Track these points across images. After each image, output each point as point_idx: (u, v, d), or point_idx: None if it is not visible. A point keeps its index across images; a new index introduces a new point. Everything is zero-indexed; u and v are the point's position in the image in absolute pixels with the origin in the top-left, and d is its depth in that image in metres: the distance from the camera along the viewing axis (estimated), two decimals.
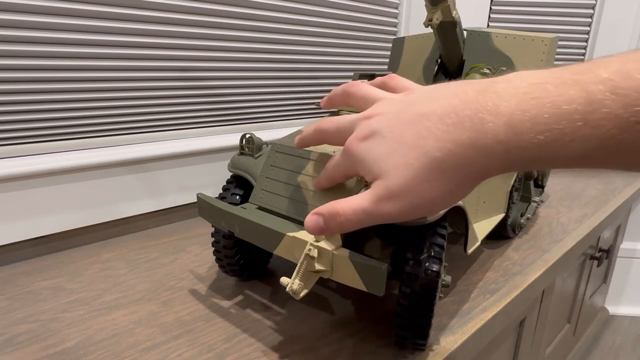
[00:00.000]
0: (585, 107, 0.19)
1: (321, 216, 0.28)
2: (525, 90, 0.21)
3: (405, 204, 0.25)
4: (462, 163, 0.23)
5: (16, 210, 0.52)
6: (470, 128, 0.23)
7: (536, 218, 0.70)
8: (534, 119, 0.21)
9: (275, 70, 0.78)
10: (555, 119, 0.20)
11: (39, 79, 0.52)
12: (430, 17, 0.49)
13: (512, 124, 0.21)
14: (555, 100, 0.20)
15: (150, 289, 0.47)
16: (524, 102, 0.21)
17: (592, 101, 0.19)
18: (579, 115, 0.20)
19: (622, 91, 0.19)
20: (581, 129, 0.20)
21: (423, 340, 0.35)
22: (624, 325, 1.30)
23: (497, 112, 0.22)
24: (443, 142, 0.23)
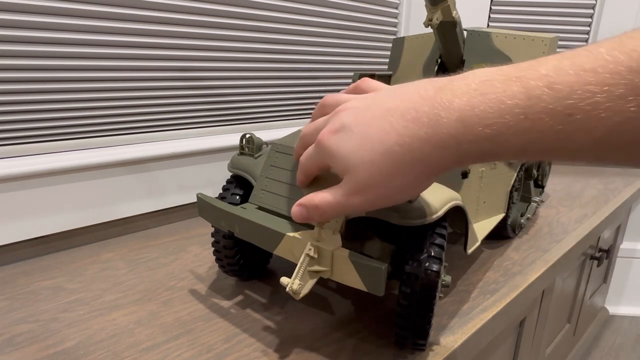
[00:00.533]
0: (526, 102, 0.21)
1: (304, 207, 0.31)
2: (476, 87, 0.23)
3: (372, 196, 0.27)
4: (420, 157, 0.25)
5: (16, 210, 0.52)
6: (427, 124, 0.24)
7: (536, 218, 0.70)
8: (482, 113, 0.22)
9: (275, 70, 0.78)
10: (499, 114, 0.22)
11: (39, 79, 0.52)
12: (430, 17, 0.49)
13: (462, 119, 0.23)
14: (500, 96, 0.22)
15: (150, 289, 0.47)
16: (473, 98, 0.23)
17: (531, 96, 0.21)
18: (520, 109, 0.21)
19: (557, 86, 0.20)
20: (522, 122, 0.21)
21: (423, 340, 0.35)
22: (624, 325, 1.30)
23: (450, 108, 0.24)
24: (403, 137, 0.25)
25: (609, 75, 0.19)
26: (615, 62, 0.19)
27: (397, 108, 0.26)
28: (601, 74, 0.19)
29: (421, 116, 0.25)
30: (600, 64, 0.19)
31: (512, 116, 0.21)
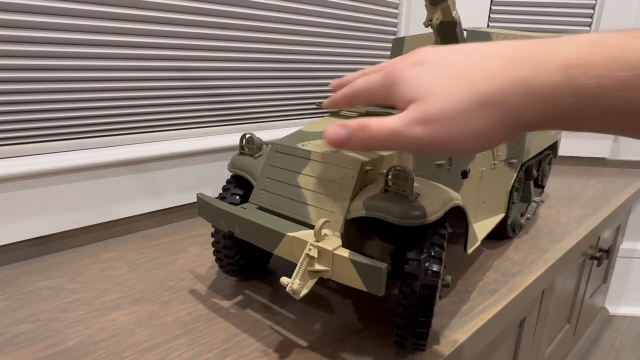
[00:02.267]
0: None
1: (345, 128, 0.27)
2: (588, 40, 0.21)
3: (437, 131, 0.24)
4: (508, 102, 0.22)
5: (16, 210, 0.52)
6: (527, 67, 0.22)
7: (536, 218, 0.70)
8: (591, 64, 0.20)
9: (275, 70, 0.78)
10: (611, 67, 0.20)
11: (39, 79, 0.52)
12: (430, 17, 0.49)
13: (569, 65, 0.21)
14: (614, 50, 0.20)
15: (150, 289, 0.47)
16: (584, 46, 0.21)
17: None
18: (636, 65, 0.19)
19: None
20: (634, 79, 0.19)
21: (423, 340, 0.35)
22: (624, 325, 1.30)
23: (556, 53, 0.21)
24: (495, 77, 0.23)
25: None
26: None
27: (489, 49, 0.24)
28: None
29: (521, 58, 0.22)
30: None
31: (627, 71, 0.19)
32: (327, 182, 0.36)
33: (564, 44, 0.22)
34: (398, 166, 0.33)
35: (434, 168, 0.43)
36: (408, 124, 0.25)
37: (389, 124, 0.26)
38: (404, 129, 0.25)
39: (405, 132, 0.25)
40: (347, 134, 0.27)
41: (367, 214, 0.34)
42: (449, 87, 0.24)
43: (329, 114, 0.56)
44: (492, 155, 0.51)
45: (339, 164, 0.36)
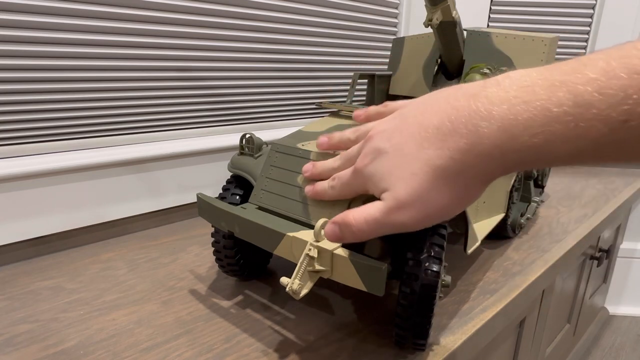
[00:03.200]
0: (575, 109, 0.19)
1: (337, 225, 0.30)
2: (515, 94, 0.22)
3: (417, 212, 0.26)
4: (463, 169, 0.24)
5: (16, 210, 0.52)
6: (466, 135, 0.23)
7: (536, 218, 0.70)
8: (526, 122, 0.21)
9: (275, 70, 0.78)
10: (546, 122, 0.20)
11: (39, 79, 0.52)
12: (430, 17, 0.49)
13: (505, 129, 0.22)
14: (545, 104, 0.20)
15: (150, 289, 0.47)
16: (515, 106, 0.21)
17: (581, 103, 0.19)
18: (570, 117, 0.20)
19: (608, 91, 0.19)
20: (573, 130, 0.20)
21: (423, 340, 0.35)
22: (624, 325, 1.30)
23: (490, 117, 0.22)
24: (442, 150, 0.24)
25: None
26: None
27: (429, 123, 0.25)
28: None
29: (458, 127, 0.23)
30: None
31: (561, 124, 0.20)
32: None
33: (493, 101, 0.22)
34: None
35: None
36: (388, 213, 0.27)
37: (371, 215, 0.27)
38: (387, 218, 0.27)
39: (389, 220, 0.27)
40: (340, 231, 0.29)
41: None
42: (408, 171, 0.25)
43: (329, 114, 0.56)
44: None
45: None
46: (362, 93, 0.83)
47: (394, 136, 0.27)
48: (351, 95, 0.62)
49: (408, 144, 0.26)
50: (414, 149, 0.25)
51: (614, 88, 0.18)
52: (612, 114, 0.19)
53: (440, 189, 0.25)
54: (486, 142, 0.22)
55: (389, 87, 0.70)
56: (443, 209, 0.26)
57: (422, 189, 0.25)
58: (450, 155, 0.24)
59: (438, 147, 0.24)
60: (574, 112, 0.19)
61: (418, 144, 0.25)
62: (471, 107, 0.23)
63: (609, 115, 0.19)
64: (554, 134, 0.20)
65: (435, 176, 0.24)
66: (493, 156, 0.23)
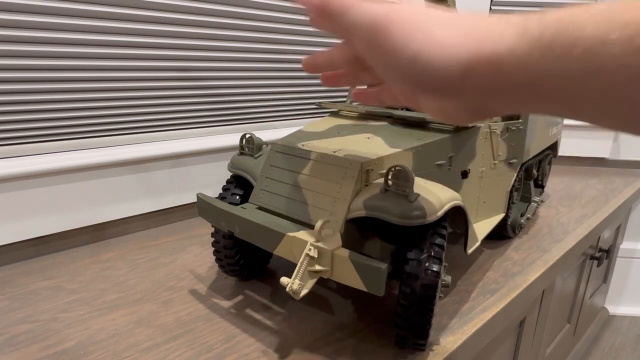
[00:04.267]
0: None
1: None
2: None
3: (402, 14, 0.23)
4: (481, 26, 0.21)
5: (16, 210, 0.52)
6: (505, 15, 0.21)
7: (536, 218, 0.70)
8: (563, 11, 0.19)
9: (275, 70, 0.78)
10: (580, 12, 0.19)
11: (39, 79, 0.52)
12: None
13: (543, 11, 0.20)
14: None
15: (150, 289, 0.47)
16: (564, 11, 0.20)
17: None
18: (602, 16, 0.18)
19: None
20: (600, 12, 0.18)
21: (423, 340, 0.35)
22: (624, 325, 1.30)
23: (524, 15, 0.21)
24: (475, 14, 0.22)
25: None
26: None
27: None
28: None
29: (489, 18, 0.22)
30: None
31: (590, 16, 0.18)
32: (327, 182, 0.36)
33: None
34: (398, 166, 0.33)
35: (434, 168, 0.43)
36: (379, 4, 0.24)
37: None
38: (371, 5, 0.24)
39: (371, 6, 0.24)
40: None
41: (367, 214, 0.34)
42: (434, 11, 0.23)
43: (329, 114, 0.56)
44: (492, 155, 0.51)
45: (339, 164, 0.36)
46: None
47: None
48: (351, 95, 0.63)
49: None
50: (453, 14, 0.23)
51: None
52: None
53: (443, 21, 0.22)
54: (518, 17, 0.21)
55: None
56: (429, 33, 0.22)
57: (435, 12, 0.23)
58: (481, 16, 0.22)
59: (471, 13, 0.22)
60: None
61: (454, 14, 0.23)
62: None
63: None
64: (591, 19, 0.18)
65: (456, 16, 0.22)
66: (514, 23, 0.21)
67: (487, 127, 0.49)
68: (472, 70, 0.22)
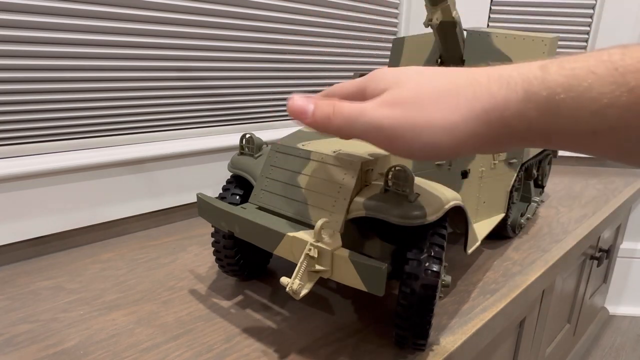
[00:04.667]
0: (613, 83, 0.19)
1: (312, 102, 0.28)
2: (563, 59, 0.22)
3: (405, 114, 0.24)
4: (477, 94, 0.23)
5: (16, 210, 0.52)
6: (498, 69, 0.23)
7: (536, 218, 0.70)
8: (563, 63, 0.21)
9: (275, 70, 0.78)
10: (585, 73, 0.20)
11: (39, 79, 0.52)
12: (430, 17, 0.49)
13: (543, 65, 0.22)
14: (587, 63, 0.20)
15: (150, 289, 0.47)
16: (564, 60, 0.21)
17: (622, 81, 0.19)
18: (609, 79, 0.20)
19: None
20: (606, 76, 0.20)
21: (423, 340, 0.35)
22: (624, 325, 1.30)
23: (529, 65, 0.22)
24: (469, 73, 0.24)
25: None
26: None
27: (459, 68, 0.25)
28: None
29: (492, 68, 0.24)
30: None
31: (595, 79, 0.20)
32: (327, 182, 0.36)
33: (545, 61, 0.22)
34: (398, 166, 0.33)
35: (434, 168, 0.43)
36: (378, 105, 0.25)
37: (359, 104, 0.26)
38: (372, 109, 0.25)
39: (373, 113, 0.25)
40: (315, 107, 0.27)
41: (367, 214, 0.34)
42: (426, 78, 0.25)
43: None
44: (492, 155, 0.51)
45: (339, 164, 0.36)
46: None
47: (421, 72, 0.26)
48: None
49: (427, 70, 0.25)
50: (434, 73, 0.25)
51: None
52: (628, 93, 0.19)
53: (443, 103, 0.24)
54: (516, 75, 0.22)
55: None
56: (429, 125, 0.24)
57: (429, 95, 0.24)
58: (475, 77, 0.23)
59: (465, 71, 0.24)
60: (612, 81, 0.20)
61: (439, 72, 0.25)
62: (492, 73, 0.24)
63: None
64: (588, 84, 0.20)
65: (449, 90, 0.24)
66: (515, 88, 0.22)
67: None
68: (483, 137, 0.23)
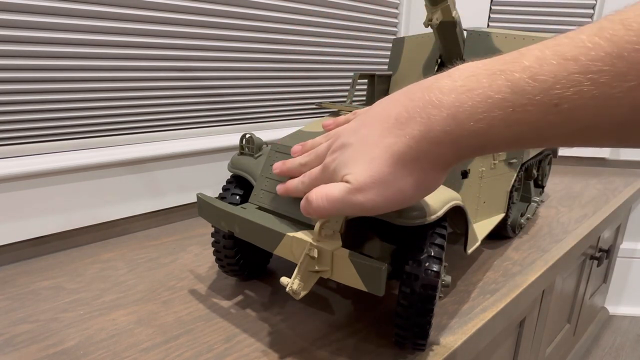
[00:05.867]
0: (512, 95, 0.21)
1: (307, 201, 0.31)
2: (462, 83, 0.23)
3: (375, 195, 0.27)
4: (419, 155, 0.25)
5: (16, 210, 0.52)
6: (420, 122, 0.25)
7: (536, 218, 0.70)
8: (471, 109, 0.23)
9: (275, 70, 0.78)
10: (488, 108, 0.22)
11: (39, 79, 0.52)
12: (430, 17, 0.49)
13: (453, 116, 0.23)
14: (486, 91, 0.22)
15: (150, 289, 0.47)
16: (461, 94, 0.23)
17: (517, 89, 0.21)
18: (508, 103, 0.21)
19: (540, 77, 0.20)
20: (511, 115, 0.21)
21: (423, 340, 0.35)
22: (624, 325, 1.30)
23: (440, 105, 0.24)
24: (400, 137, 0.26)
25: (591, 63, 0.19)
26: (597, 49, 0.19)
27: (389, 115, 0.27)
28: (584, 62, 0.19)
29: (414, 116, 0.25)
30: (582, 51, 0.19)
31: (501, 109, 0.22)
32: None
33: (443, 91, 0.24)
34: None
35: None
36: (349, 193, 0.28)
37: (332, 193, 0.29)
38: (347, 197, 0.28)
39: (349, 200, 0.28)
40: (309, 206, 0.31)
41: None
42: (369, 156, 0.27)
43: (329, 114, 0.56)
44: (492, 155, 0.51)
45: None
46: (362, 93, 0.83)
47: (359, 130, 0.29)
48: (351, 95, 0.62)
49: (371, 134, 0.28)
50: (376, 137, 0.27)
51: (545, 74, 0.20)
52: (544, 98, 0.20)
53: (398, 173, 0.26)
54: (437, 129, 0.24)
55: (389, 87, 0.70)
56: (402, 194, 0.27)
57: (381, 172, 0.26)
58: (407, 142, 0.25)
59: (396, 135, 0.26)
60: (511, 99, 0.21)
61: (379, 134, 0.27)
62: (425, 98, 0.25)
63: (542, 100, 0.20)
64: (495, 119, 0.22)
65: (394, 161, 0.26)
66: (444, 142, 0.24)
67: None
68: (436, 165, 0.26)
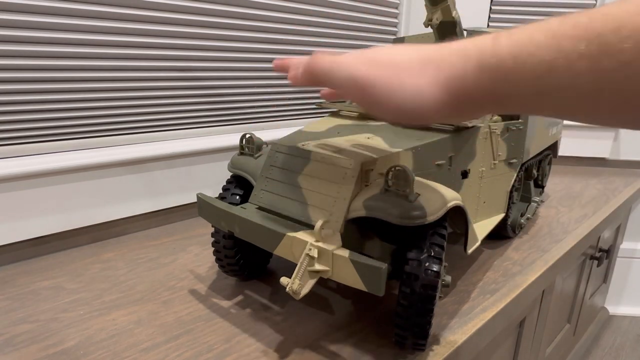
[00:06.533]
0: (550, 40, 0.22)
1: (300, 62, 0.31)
2: (513, 30, 0.24)
3: (380, 73, 0.27)
4: (441, 62, 0.26)
5: (16, 210, 0.52)
6: (460, 42, 0.26)
7: (536, 218, 0.70)
8: (512, 32, 0.23)
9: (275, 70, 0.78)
10: (529, 40, 0.23)
11: (39, 79, 0.52)
12: (430, 17, 0.49)
13: (495, 36, 0.24)
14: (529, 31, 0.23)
15: (150, 289, 0.47)
16: (513, 31, 0.24)
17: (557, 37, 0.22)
18: (547, 46, 0.22)
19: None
20: (545, 44, 0.22)
21: (423, 340, 0.35)
22: (624, 325, 1.30)
23: (484, 37, 0.25)
24: (436, 47, 0.27)
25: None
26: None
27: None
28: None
29: (452, 42, 0.26)
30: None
31: (536, 47, 0.22)
32: (327, 182, 0.36)
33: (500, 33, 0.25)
34: (398, 166, 0.33)
35: (434, 168, 0.43)
36: (356, 60, 0.28)
37: (341, 56, 0.29)
38: (351, 63, 0.28)
39: (350, 66, 0.28)
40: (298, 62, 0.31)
41: (367, 214, 0.34)
42: (399, 49, 0.28)
43: (329, 114, 0.56)
44: (492, 155, 0.51)
45: (339, 164, 0.36)
46: None
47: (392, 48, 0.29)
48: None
49: (396, 46, 0.29)
50: (402, 47, 0.28)
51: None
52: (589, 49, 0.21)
53: (413, 69, 0.26)
54: (472, 47, 0.25)
55: None
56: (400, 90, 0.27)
57: (401, 59, 0.27)
58: (435, 49, 0.27)
59: (423, 48, 0.27)
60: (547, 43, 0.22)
61: (406, 46, 0.28)
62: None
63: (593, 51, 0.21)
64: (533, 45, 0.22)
65: (419, 58, 0.27)
66: (471, 56, 0.25)
67: (487, 127, 0.49)
68: (446, 103, 0.26)
